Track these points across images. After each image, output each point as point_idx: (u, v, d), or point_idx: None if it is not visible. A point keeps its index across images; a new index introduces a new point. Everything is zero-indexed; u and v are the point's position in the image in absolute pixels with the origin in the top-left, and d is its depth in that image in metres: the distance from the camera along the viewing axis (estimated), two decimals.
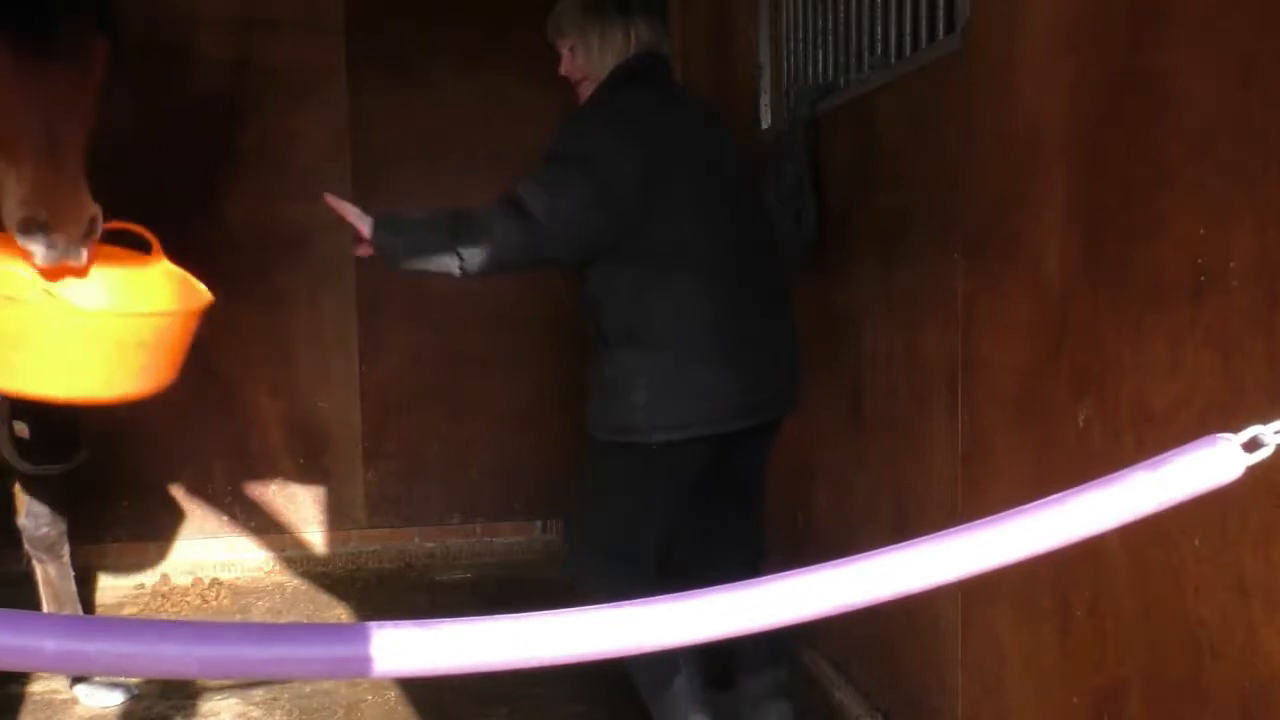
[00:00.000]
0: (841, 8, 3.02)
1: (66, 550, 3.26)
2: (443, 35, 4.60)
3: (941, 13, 2.42)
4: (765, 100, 3.63)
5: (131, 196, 4.68)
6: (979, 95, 2.15)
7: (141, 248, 2.64)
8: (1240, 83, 1.44)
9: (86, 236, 2.31)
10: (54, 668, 0.77)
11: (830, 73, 3.13)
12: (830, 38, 3.14)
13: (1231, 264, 1.46)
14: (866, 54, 2.85)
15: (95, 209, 2.34)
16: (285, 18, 4.50)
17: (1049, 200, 1.91)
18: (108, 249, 2.43)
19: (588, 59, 2.52)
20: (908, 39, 2.60)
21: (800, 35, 3.38)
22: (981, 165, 2.15)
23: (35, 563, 3.24)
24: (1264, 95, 1.39)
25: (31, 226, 2.21)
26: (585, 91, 2.54)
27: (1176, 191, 1.57)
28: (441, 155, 4.64)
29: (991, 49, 2.10)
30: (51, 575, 3.23)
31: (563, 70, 2.57)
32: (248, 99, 4.45)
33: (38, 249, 2.23)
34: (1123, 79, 1.69)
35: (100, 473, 4.30)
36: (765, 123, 3.59)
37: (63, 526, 3.25)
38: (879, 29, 2.77)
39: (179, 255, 3.96)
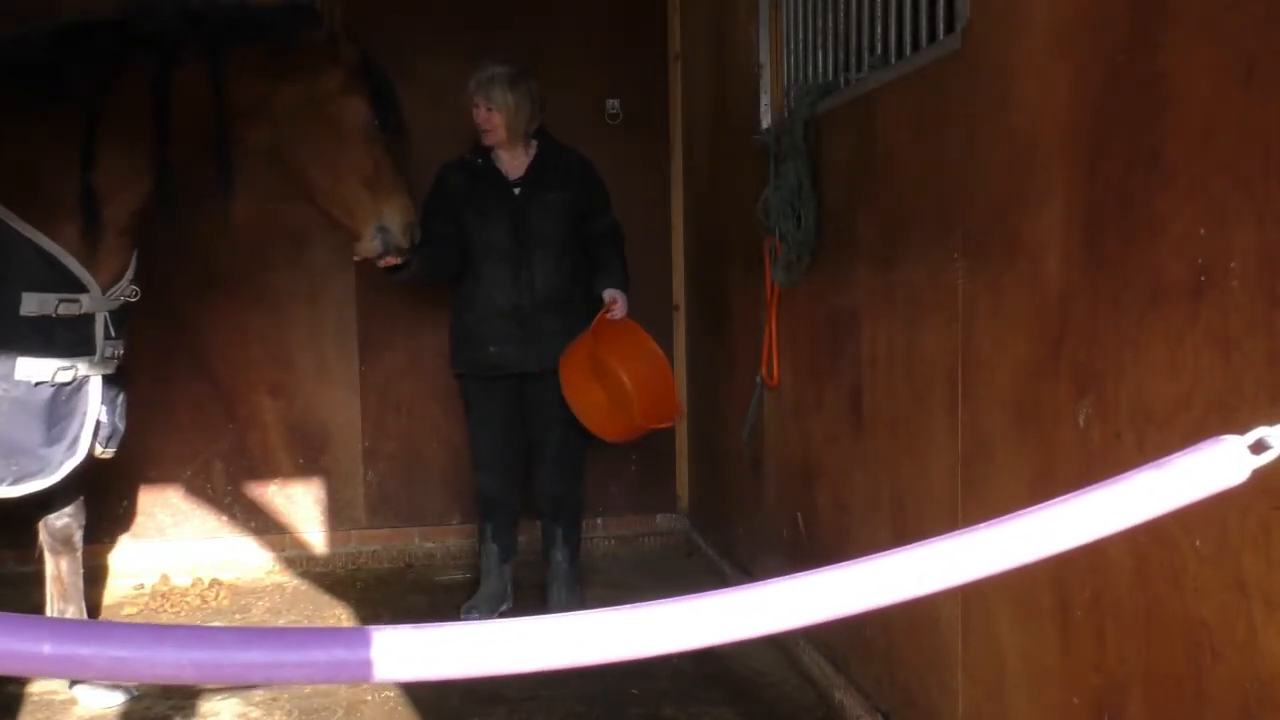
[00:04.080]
0: (841, 8, 3.02)
1: (81, 544, 3.28)
2: (443, 35, 4.60)
3: (941, 13, 2.42)
4: (765, 100, 3.62)
5: None
6: (979, 95, 2.15)
7: None
8: (1240, 82, 1.44)
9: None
10: (51, 672, 0.77)
11: (830, 73, 3.13)
12: (830, 38, 3.14)
13: (1231, 264, 1.46)
14: (866, 54, 2.84)
15: None
16: None
17: (1049, 200, 1.90)
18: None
19: (513, 120, 3.86)
20: (908, 39, 2.59)
21: (800, 35, 3.38)
22: (981, 165, 2.15)
23: (48, 554, 3.24)
24: (1264, 95, 1.39)
25: (385, 235, 3.45)
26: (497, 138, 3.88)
27: (1176, 191, 1.57)
28: (442, 154, 4.64)
29: (991, 49, 2.10)
30: (63, 569, 3.23)
31: (481, 121, 3.86)
32: None
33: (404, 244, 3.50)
34: (1123, 79, 1.69)
35: (100, 473, 4.30)
36: (765, 123, 3.59)
37: (83, 519, 3.28)
38: (879, 29, 2.76)
39: (180, 255, 3.98)
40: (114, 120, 3.01)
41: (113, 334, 3.14)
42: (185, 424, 4.48)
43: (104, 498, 4.43)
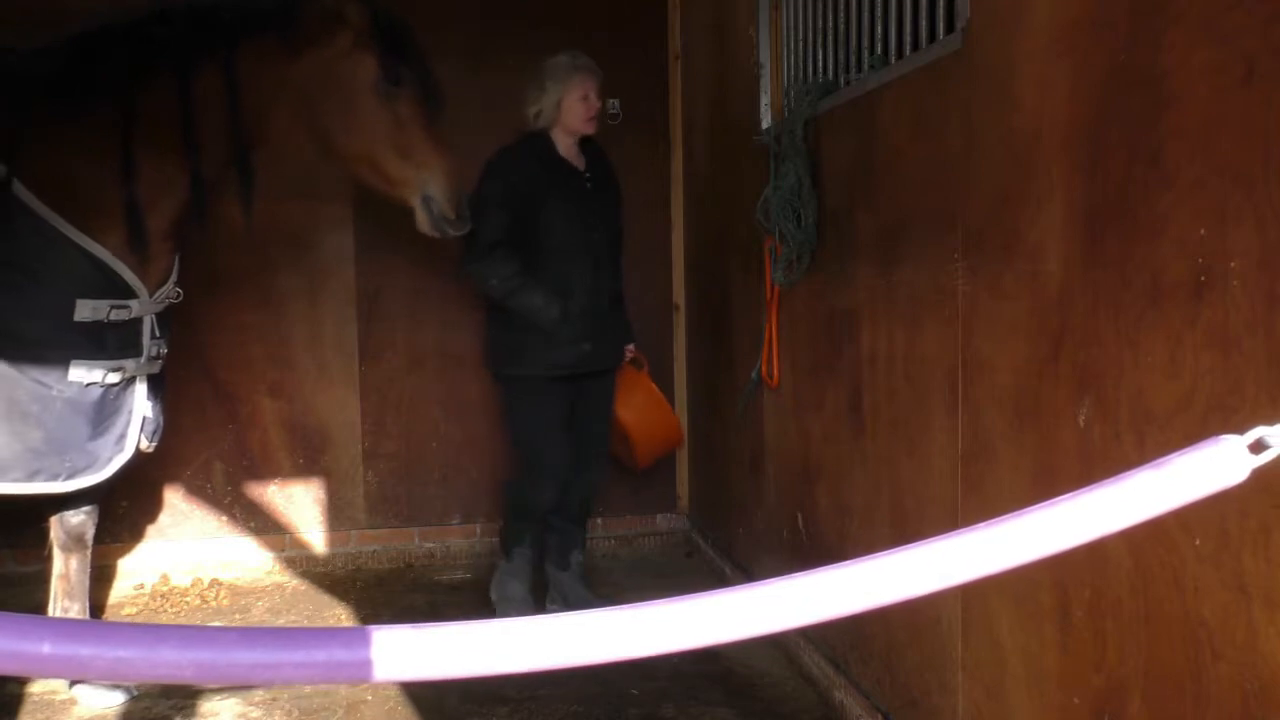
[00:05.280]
0: (841, 8, 3.02)
1: (92, 542, 3.29)
2: (443, 35, 4.60)
3: (941, 13, 2.42)
4: (765, 100, 3.62)
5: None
6: (979, 95, 2.15)
7: None
8: (1240, 82, 1.43)
9: None
10: (51, 672, 0.77)
11: (830, 73, 3.13)
12: (830, 38, 3.14)
13: (1231, 264, 1.46)
14: (866, 54, 2.85)
15: None
16: None
17: (1049, 200, 1.90)
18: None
19: None
20: (908, 39, 2.59)
21: (800, 35, 3.38)
22: (981, 165, 2.15)
23: (58, 550, 3.25)
24: (1264, 95, 1.39)
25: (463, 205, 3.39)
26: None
27: (1176, 191, 1.57)
28: None
29: (991, 49, 2.10)
30: (72, 567, 3.24)
31: (593, 107, 3.72)
32: None
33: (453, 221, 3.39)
34: (1123, 79, 1.69)
35: None
36: (765, 123, 3.59)
37: (96, 518, 3.30)
38: (879, 29, 2.76)
39: (179, 255, 3.97)
40: (147, 129, 3.04)
41: (157, 334, 3.21)
42: (185, 424, 4.48)
43: (104, 498, 4.44)
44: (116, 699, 3.19)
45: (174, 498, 4.56)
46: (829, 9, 3.12)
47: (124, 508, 4.48)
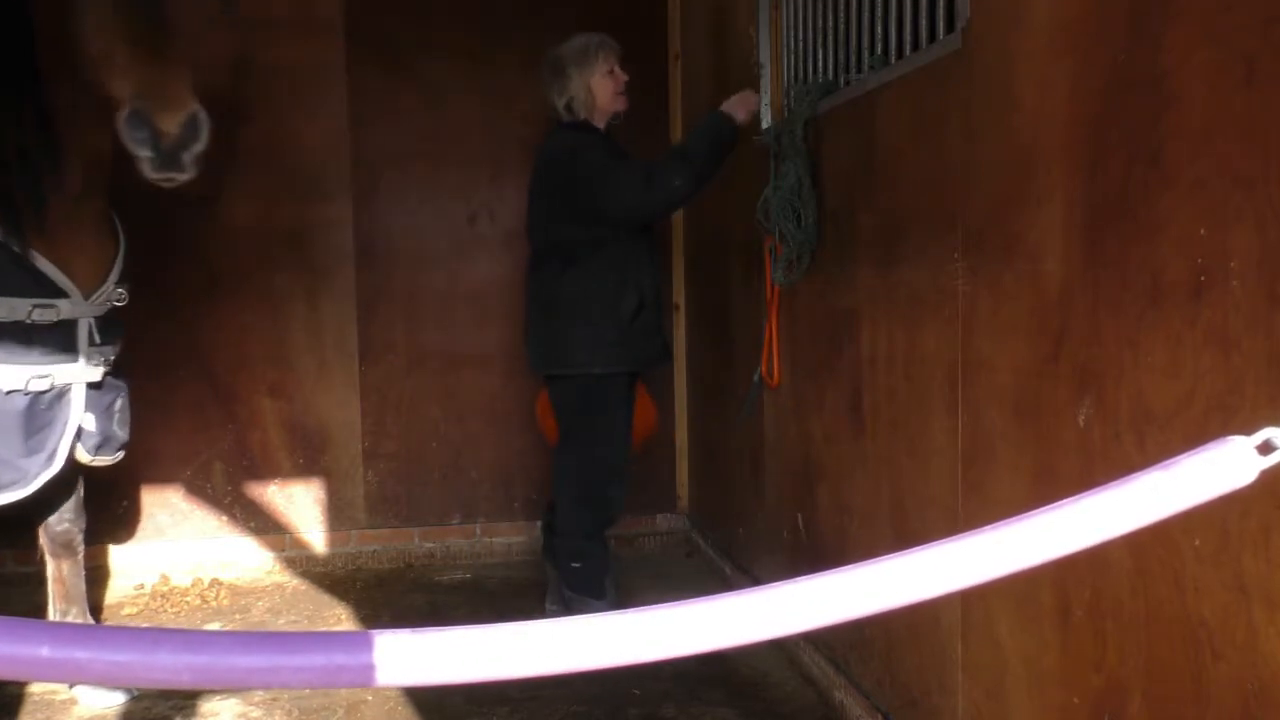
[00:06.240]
0: (841, 8, 3.02)
1: (82, 547, 3.26)
2: (443, 35, 4.60)
3: (941, 13, 2.42)
4: (765, 100, 3.62)
5: (132, 197, 4.66)
6: (979, 95, 2.15)
7: None
8: (1240, 82, 1.43)
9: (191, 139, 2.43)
10: (49, 676, 0.76)
11: (830, 73, 3.13)
12: (830, 38, 3.14)
13: (1231, 264, 1.46)
14: (866, 54, 2.84)
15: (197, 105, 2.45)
16: (283, 17, 4.50)
17: (1049, 200, 1.90)
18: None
19: None
20: (908, 39, 2.59)
21: (800, 35, 3.38)
22: (981, 165, 2.14)
23: (49, 558, 3.22)
24: (1264, 95, 1.39)
25: (136, 119, 2.37)
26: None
27: (1176, 192, 1.57)
28: (441, 155, 4.64)
29: (991, 49, 2.10)
30: (64, 572, 3.22)
31: (620, 83, 3.66)
32: (247, 99, 4.45)
33: (146, 155, 2.40)
34: (1123, 79, 1.69)
35: (101, 473, 4.31)
36: (765, 123, 3.59)
37: (83, 523, 3.25)
38: (879, 29, 2.76)
39: (179, 255, 3.99)
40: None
41: (98, 340, 2.98)
42: (185, 424, 4.48)
43: (104, 498, 4.43)
44: (117, 699, 3.19)
45: (174, 498, 4.56)
46: (829, 9, 3.12)
47: (124, 507, 4.48)
